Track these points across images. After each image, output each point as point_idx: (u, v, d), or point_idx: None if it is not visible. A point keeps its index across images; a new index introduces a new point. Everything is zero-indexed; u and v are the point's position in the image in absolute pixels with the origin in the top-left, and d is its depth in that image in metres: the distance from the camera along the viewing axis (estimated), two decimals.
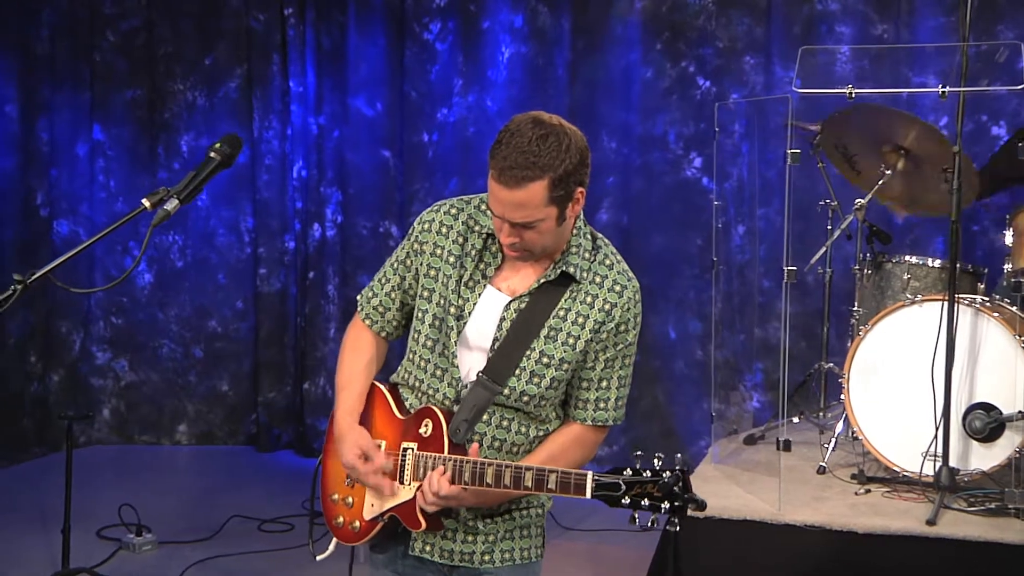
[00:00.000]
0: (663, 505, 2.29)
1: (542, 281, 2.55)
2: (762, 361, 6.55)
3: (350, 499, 2.72)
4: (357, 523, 2.69)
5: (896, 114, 4.98)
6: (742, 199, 6.46)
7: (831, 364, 5.36)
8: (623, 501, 2.31)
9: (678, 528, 2.32)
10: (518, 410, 2.58)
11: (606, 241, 2.66)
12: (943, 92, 4.16)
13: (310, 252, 7.33)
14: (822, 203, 5.37)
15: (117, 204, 7.52)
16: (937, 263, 4.89)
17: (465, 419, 2.53)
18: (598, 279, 2.58)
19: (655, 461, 2.32)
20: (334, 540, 2.79)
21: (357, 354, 2.76)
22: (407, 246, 2.69)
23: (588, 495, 2.32)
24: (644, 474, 2.29)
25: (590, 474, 2.34)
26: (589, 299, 2.56)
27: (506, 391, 2.54)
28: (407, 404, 2.68)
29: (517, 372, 2.53)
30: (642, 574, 4.30)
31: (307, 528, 5.60)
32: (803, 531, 4.00)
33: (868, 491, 4.37)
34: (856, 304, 5.03)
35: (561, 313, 2.55)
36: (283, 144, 7.38)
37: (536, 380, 2.54)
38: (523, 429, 2.60)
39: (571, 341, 2.54)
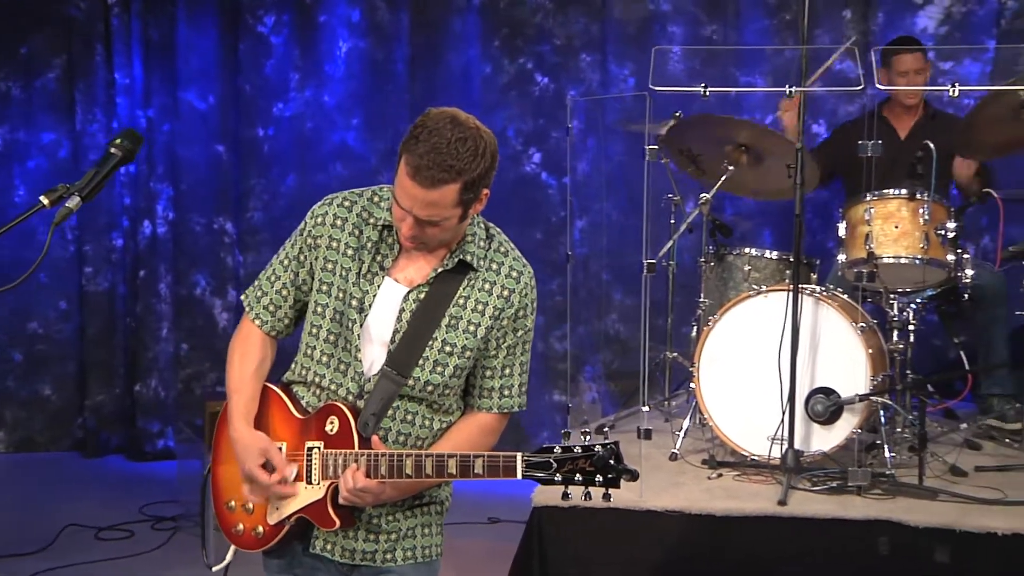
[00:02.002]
0: (597, 478, 2.34)
1: (440, 270, 2.57)
2: (602, 353, 6.71)
3: (249, 504, 2.65)
4: (260, 528, 2.64)
5: (729, 120, 5.21)
6: (586, 194, 6.60)
7: (675, 354, 5.53)
8: (555, 479, 2.35)
9: (611, 500, 2.36)
10: (422, 401, 2.58)
11: (498, 230, 2.70)
12: (790, 92, 4.35)
13: (140, 249, 7.10)
14: (666, 197, 5.53)
15: None
16: (774, 255, 5.11)
17: (373, 413, 2.52)
18: (495, 266, 2.61)
19: (583, 437, 2.38)
20: (232, 548, 2.71)
21: (247, 356, 2.70)
22: (299, 241, 2.65)
23: (519, 476, 2.36)
24: (575, 450, 2.34)
25: (519, 455, 2.37)
26: (487, 286, 2.59)
27: (411, 382, 2.54)
28: (304, 403, 2.64)
29: (421, 362, 2.54)
30: (502, 565, 4.32)
31: (149, 534, 5.57)
32: (664, 516, 4.09)
33: (720, 475, 4.52)
34: (702, 295, 5.21)
35: (461, 301, 2.57)
36: (108, 138, 7.09)
37: (440, 369, 2.55)
38: (427, 422, 2.61)
39: (472, 328, 2.57)
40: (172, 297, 7.13)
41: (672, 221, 5.51)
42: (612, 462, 2.34)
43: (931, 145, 4.69)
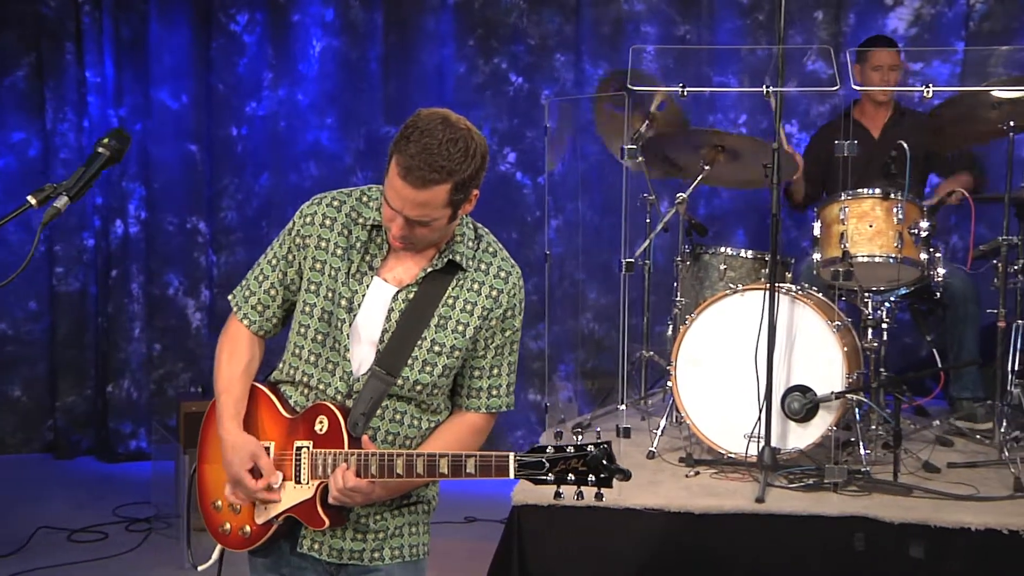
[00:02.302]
0: (589, 478, 2.36)
1: (429, 271, 2.58)
2: (577, 352, 6.73)
3: (236, 504, 2.65)
4: (248, 528, 2.63)
5: (704, 132, 5.27)
6: (561, 194, 6.62)
7: (651, 353, 5.55)
8: (547, 478, 2.36)
9: (603, 500, 2.38)
10: (410, 401, 2.59)
11: (487, 230, 2.71)
12: (767, 92, 4.39)
13: (112, 249, 7.03)
14: (641, 197, 5.55)
15: None
16: (749, 254, 5.15)
17: (362, 412, 2.52)
18: (483, 267, 2.62)
19: (575, 437, 2.39)
20: (218, 548, 2.71)
21: (235, 356, 2.69)
22: (287, 241, 2.65)
23: (511, 475, 2.38)
24: (567, 450, 2.35)
25: (512, 454, 2.38)
26: (476, 286, 2.60)
27: (400, 381, 2.54)
28: (292, 402, 2.64)
29: (410, 362, 2.54)
30: (480, 564, 4.33)
31: (123, 535, 5.54)
32: (644, 514, 4.12)
33: (697, 473, 4.55)
34: (678, 294, 5.23)
35: (450, 301, 2.58)
36: (80, 137, 7.02)
37: (429, 369, 2.56)
38: (415, 422, 2.61)
39: (460, 328, 2.58)
40: (144, 297, 7.07)
41: (648, 220, 5.53)
42: (605, 462, 2.36)
43: (905, 145, 4.74)
